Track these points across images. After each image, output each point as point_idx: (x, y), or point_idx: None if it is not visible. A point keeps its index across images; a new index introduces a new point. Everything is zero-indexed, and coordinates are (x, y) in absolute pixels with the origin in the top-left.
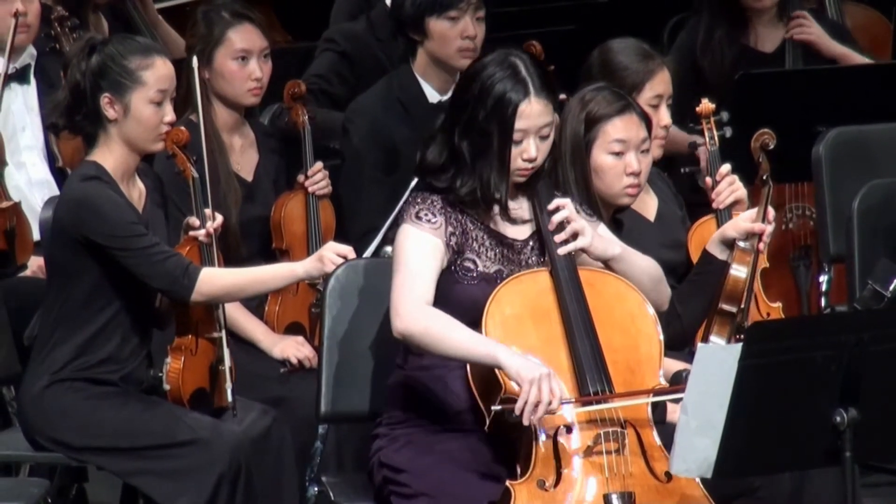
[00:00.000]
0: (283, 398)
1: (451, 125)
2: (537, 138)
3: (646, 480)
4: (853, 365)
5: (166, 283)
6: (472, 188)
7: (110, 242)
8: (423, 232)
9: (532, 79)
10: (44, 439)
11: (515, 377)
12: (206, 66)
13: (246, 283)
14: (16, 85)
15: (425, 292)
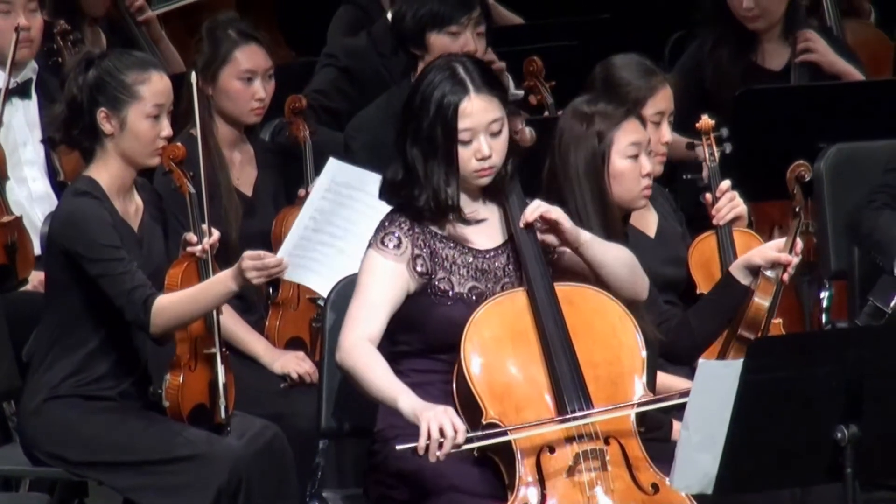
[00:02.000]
0: (283, 413)
1: (402, 139)
2: (488, 135)
3: (631, 494)
4: (854, 381)
5: (131, 315)
6: (427, 197)
7: (88, 266)
8: (387, 259)
9: (471, 77)
10: (43, 454)
11: (413, 419)
12: (211, 84)
13: (189, 306)
14: (17, 100)
15: (372, 327)
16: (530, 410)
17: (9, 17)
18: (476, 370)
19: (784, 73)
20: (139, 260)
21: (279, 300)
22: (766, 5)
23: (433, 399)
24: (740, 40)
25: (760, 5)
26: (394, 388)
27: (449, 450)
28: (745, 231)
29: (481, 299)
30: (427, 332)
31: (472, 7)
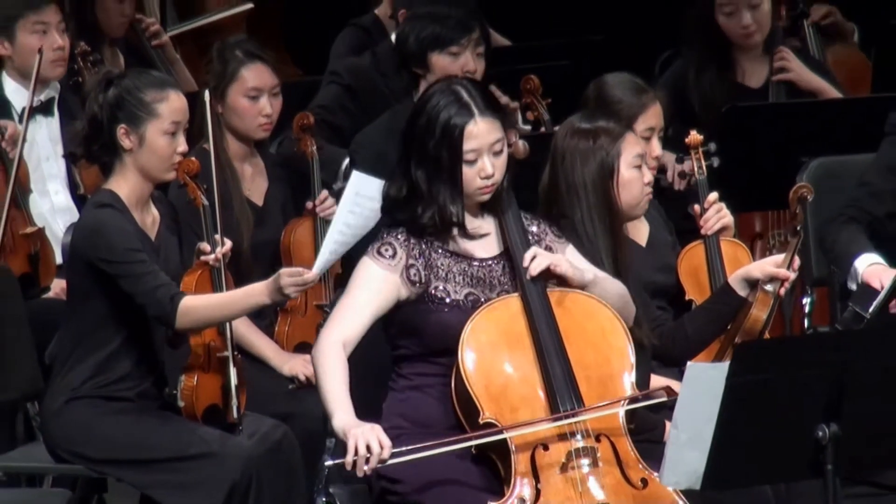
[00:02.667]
0: (292, 413)
1: (406, 159)
2: (491, 155)
3: (622, 489)
4: (835, 383)
5: (156, 311)
6: (432, 214)
7: (110, 268)
8: (379, 267)
9: (475, 101)
10: (65, 452)
11: (342, 436)
12: (220, 101)
13: (218, 311)
14: (40, 117)
15: (350, 330)
16: (525, 410)
17: (44, 36)
18: (473, 372)
19: (763, 90)
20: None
21: (288, 307)
22: (762, 20)
23: (434, 399)
24: (722, 60)
25: (758, 21)
26: (336, 402)
27: (375, 465)
28: (732, 240)
29: (477, 305)
30: (425, 336)
31: (472, 29)
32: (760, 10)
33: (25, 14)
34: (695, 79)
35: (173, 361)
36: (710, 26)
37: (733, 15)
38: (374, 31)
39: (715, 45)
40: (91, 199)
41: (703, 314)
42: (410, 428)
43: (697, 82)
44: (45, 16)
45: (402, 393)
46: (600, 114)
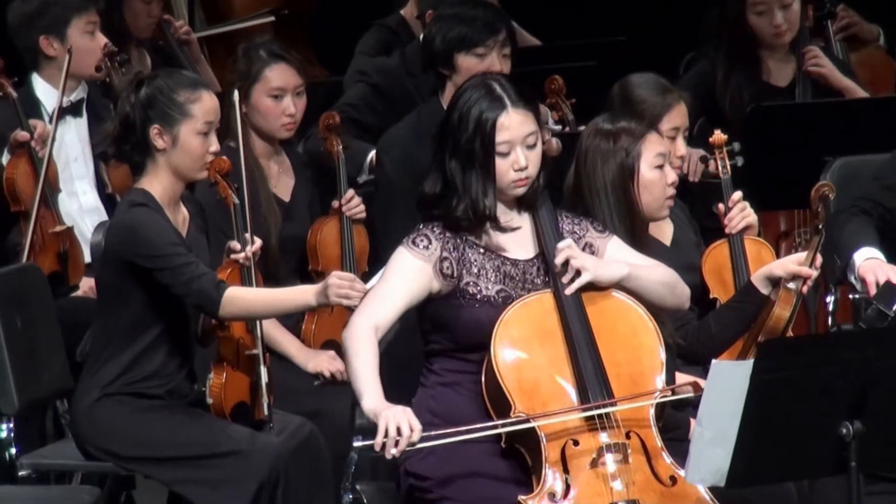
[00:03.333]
0: (319, 410)
1: (441, 155)
2: (524, 147)
3: (651, 486)
4: (859, 380)
5: (198, 300)
6: (465, 206)
7: (151, 263)
8: (414, 257)
9: (508, 93)
10: (94, 449)
11: (373, 417)
12: (244, 101)
13: (264, 305)
14: (70, 118)
15: (382, 316)
16: (556, 405)
17: (95, 38)
18: (505, 367)
19: (790, 89)
20: None
21: None
22: (793, 20)
23: (463, 396)
24: (749, 59)
25: (789, 20)
26: (366, 384)
27: (404, 447)
28: (756, 239)
29: (508, 302)
30: (456, 332)
31: (499, 31)
32: (791, 9)
33: (78, 14)
34: (723, 78)
35: (203, 359)
36: (740, 25)
37: (765, 14)
38: (401, 30)
39: (743, 44)
40: (125, 199)
41: (727, 313)
42: (440, 424)
43: (726, 82)
44: (93, 16)
45: (433, 389)
46: (624, 114)
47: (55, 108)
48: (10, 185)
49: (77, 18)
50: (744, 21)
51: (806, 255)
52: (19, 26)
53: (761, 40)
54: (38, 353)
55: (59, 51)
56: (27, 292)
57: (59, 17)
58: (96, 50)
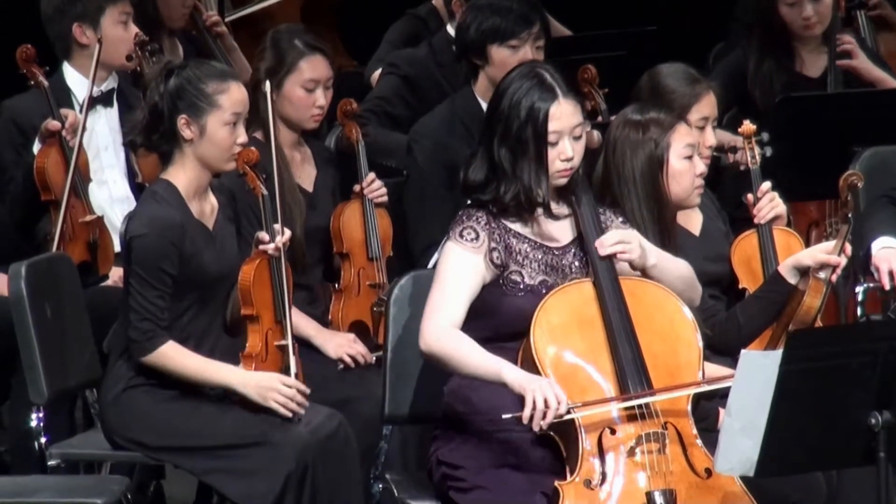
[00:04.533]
0: (348, 400)
1: (489, 140)
2: (571, 138)
3: (687, 477)
4: (887, 371)
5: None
6: (516, 193)
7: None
8: (465, 251)
9: (558, 84)
10: (122, 440)
11: (519, 390)
12: (275, 90)
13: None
14: (100, 107)
15: (454, 314)
16: (594, 392)
17: (128, 28)
18: (544, 353)
19: (822, 80)
20: (212, 255)
21: (342, 287)
22: (823, 12)
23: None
24: (781, 49)
25: (819, 13)
26: (494, 363)
27: (551, 419)
28: (785, 229)
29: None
30: (498, 319)
31: (533, 23)
32: (823, 2)
33: (113, 4)
34: (755, 68)
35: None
36: (771, 16)
37: (795, 6)
38: (430, 20)
39: (775, 35)
40: (147, 190)
41: (755, 303)
42: (472, 413)
43: (758, 72)
44: (127, 6)
45: (465, 379)
46: (653, 105)
47: (86, 97)
48: (40, 174)
49: (111, 8)
50: (775, 12)
51: (835, 244)
52: (53, 14)
53: (792, 31)
54: (68, 343)
55: (92, 39)
56: (57, 282)
57: (93, 5)
58: (128, 40)
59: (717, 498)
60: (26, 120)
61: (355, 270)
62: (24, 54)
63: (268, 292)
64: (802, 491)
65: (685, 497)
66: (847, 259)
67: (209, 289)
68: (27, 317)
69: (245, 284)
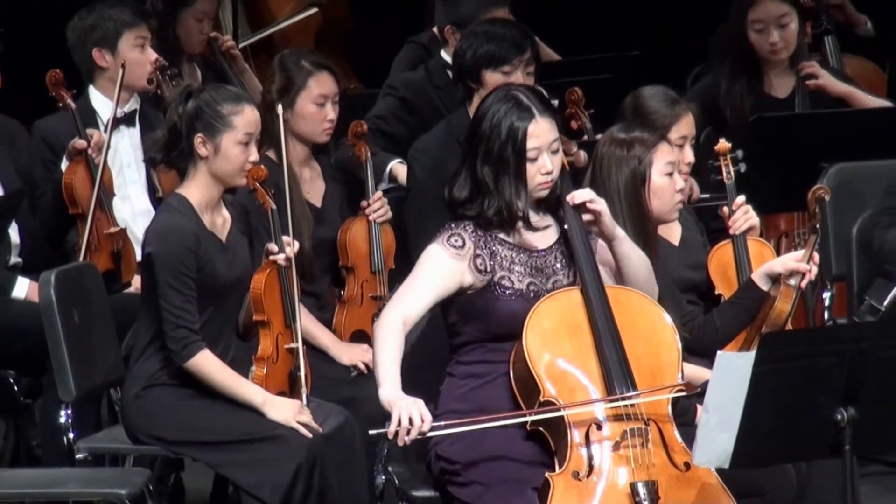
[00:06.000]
0: (353, 398)
1: (472, 160)
2: (549, 153)
3: (667, 470)
4: (853, 370)
5: (170, 344)
6: (498, 208)
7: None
8: (447, 255)
9: (534, 104)
10: (144, 435)
11: (387, 406)
12: (288, 108)
13: (219, 383)
14: (123, 127)
15: (412, 308)
16: (582, 392)
17: (145, 51)
18: (536, 354)
19: (789, 101)
20: (224, 264)
21: (345, 298)
22: (789, 38)
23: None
24: (751, 73)
25: (784, 38)
26: (385, 374)
27: (415, 436)
28: (758, 240)
29: (538, 295)
30: (491, 322)
31: (525, 49)
32: (788, 29)
33: (129, 29)
34: (727, 89)
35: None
36: (742, 42)
37: (763, 32)
38: (432, 46)
39: (745, 59)
40: (163, 203)
41: (730, 308)
42: (468, 412)
43: (729, 93)
44: (143, 31)
45: (461, 379)
46: (637, 124)
47: (110, 118)
48: (68, 189)
49: (128, 33)
50: (745, 38)
51: (804, 253)
52: (76, 41)
53: (761, 56)
54: (94, 346)
55: (111, 63)
56: (84, 289)
57: (110, 31)
58: (145, 63)
59: (696, 488)
60: (55, 139)
61: (359, 283)
62: (52, 78)
63: (278, 299)
64: (774, 482)
65: (666, 488)
66: (816, 267)
67: (222, 295)
68: (56, 321)
69: (256, 292)
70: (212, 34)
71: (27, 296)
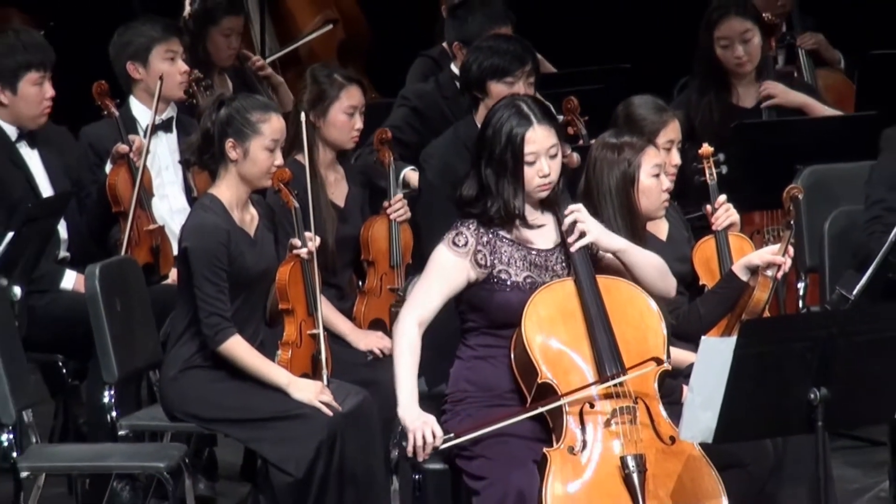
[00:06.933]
0: (371, 380)
1: (478, 163)
2: (547, 157)
3: (655, 444)
4: (824, 354)
5: (204, 329)
6: (498, 207)
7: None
8: (452, 254)
9: (533, 112)
10: (180, 413)
11: (402, 425)
12: (321, 117)
13: (249, 366)
14: (161, 133)
15: (426, 310)
16: (576, 373)
17: (173, 63)
18: (534, 339)
19: (755, 110)
20: (253, 257)
21: (366, 289)
22: (753, 52)
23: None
24: (720, 85)
25: (749, 53)
26: (403, 391)
27: (430, 451)
28: (738, 235)
29: (535, 287)
30: (490, 312)
31: (526, 62)
32: (751, 44)
33: (159, 43)
34: (696, 101)
35: (271, 337)
36: (710, 58)
37: (728, 48)
38: (442, 60)
39: (714, 73)
40: (197, 202)
41: (713, 297)
42: (474, 391)
43: (699, 103)
44: (174, 45)
45: (469, 361)
46: (627, 130)
47: (149, 124)
48: (111, 189)
49: (158, 47)
50: (712, 52)
51: (779, 247)
52: (114, 55)
53: (728, 69)
54: (134, 332)
55: (144, 75)
56: (125, 281)
57: (142, 46)
58: (175, 74)
59: (681, 461)
60: (100, 144)
61: (378, 276)
62: (98, 89)
63: (300, 289)
64: (753, 455)
65: (653, 461)
66: (790, 259)
67: (250, 286)
68: (101, 310)
69: (281, 283)
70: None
71: (74, 287)
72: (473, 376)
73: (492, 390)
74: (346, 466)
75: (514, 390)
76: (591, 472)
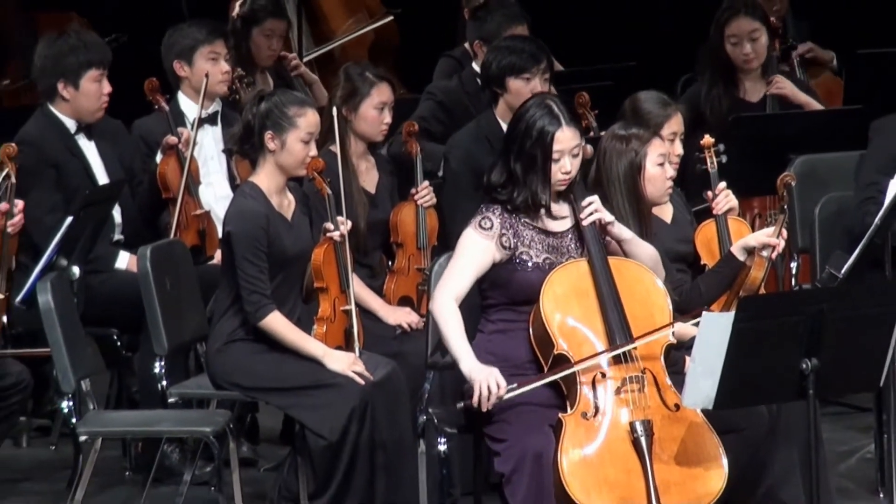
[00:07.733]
0: (400, 352)
1: (507, 153)
2: (570, 156)
3: (660, 411)
4: (815, 327)
5: (245, 305)
6: (525, 197)
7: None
8: (479, 237)
9: (563, 113)
10: (224, 382)
11: (468, 378)
12: (353, 112)
13: (288, 340)
14: (207, 126)
15: (459, 286)
16: (588, 345)
17: (216, 63)
18: (551, 315)
19: (761, 104)
20: (290, 239)
21: (395, 269)
22: (760, 50)
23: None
24: (728, 80)
25: (756, 51)
26: (460, 350)
27: (494, 401)
28: (736, 219)
29: (552, 268)
30: (511, 289)
31: (541, 60)
32: (759, 42)
33: (204, 45)
34: (706, 93)
35: (307, 313)
36: (720, 54)
37: (737, 45)
38: (464, 59)
39: (723, 68)
40: (239, 189)
41: (713, 276)
42: (495, 362)
43: (708, 96)
44: (217, 47)
45: (490, 335)
46: (634, 123)
47: (195, 118)
48: (162, 177)
49: (202, 48)
50: (722, 49)
51: (774, 230)
52: (164, 54)
53: (735, 65)
54: (183, 308)
55: (188, 73)
56: (174, 261)
57: (187, 46)
58: (217, 73)
59: (684, 426)
60: (151, 136)
61: (406, 256)
62: (150, 85)
63: (334, 269)
64: (750, 420)
65: (659, 426)
66: (784, 241)
67: (288, 266)
68: (152, 288)
69: (316, 263)
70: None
71: (127, 267)
72: (494, 348)
73: (510, 360)
74: (376, 431)
75: (532, 360)
76: (602, 436)
